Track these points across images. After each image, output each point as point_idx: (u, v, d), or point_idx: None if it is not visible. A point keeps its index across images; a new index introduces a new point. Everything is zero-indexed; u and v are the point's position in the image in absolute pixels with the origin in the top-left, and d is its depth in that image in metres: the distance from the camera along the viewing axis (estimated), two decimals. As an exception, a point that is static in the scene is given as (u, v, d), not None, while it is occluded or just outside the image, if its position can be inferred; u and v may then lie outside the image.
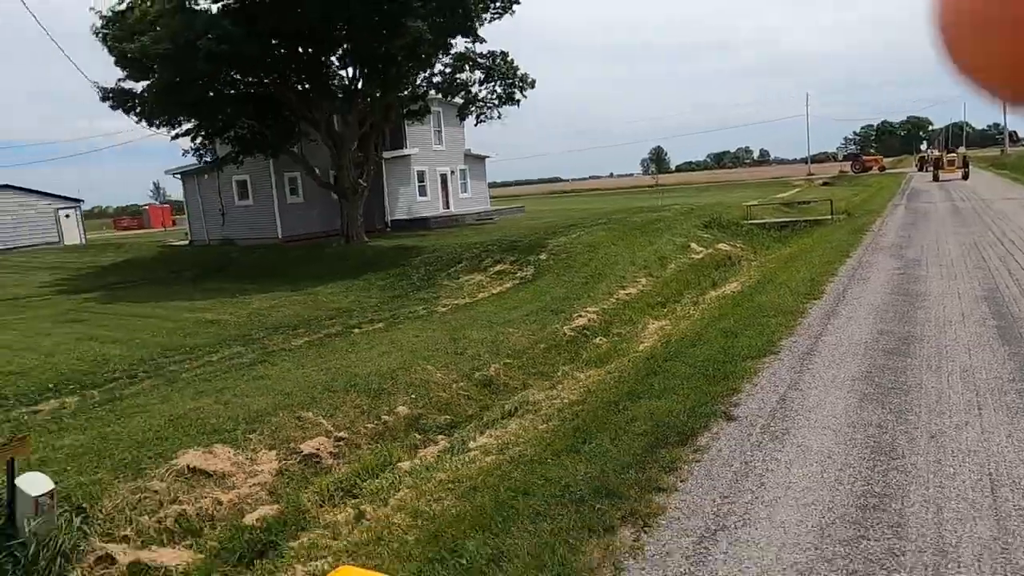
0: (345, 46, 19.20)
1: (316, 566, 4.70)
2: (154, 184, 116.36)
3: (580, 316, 11.85)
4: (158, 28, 15.39)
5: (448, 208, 30.35)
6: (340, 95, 20.70)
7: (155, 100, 18.21)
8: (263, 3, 15.77)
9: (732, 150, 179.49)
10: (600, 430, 5.45)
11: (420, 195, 28.73)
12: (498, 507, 4.40)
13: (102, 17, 18.63)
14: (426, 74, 21.28)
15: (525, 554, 3.61)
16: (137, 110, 19.78)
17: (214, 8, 17.42)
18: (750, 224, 22.42)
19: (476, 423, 7.36)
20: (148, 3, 16.24)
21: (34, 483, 4.52)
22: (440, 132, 29.75)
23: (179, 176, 27.55)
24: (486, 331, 10.56)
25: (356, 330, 11.21)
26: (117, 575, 4.68)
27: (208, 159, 22.95)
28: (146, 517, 5.22)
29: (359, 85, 20.56)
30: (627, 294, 13.78)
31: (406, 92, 21.66)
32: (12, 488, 4.51)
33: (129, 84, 19.73)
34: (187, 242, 28.08)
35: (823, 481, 4.08)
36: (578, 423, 5.87)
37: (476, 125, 24.78)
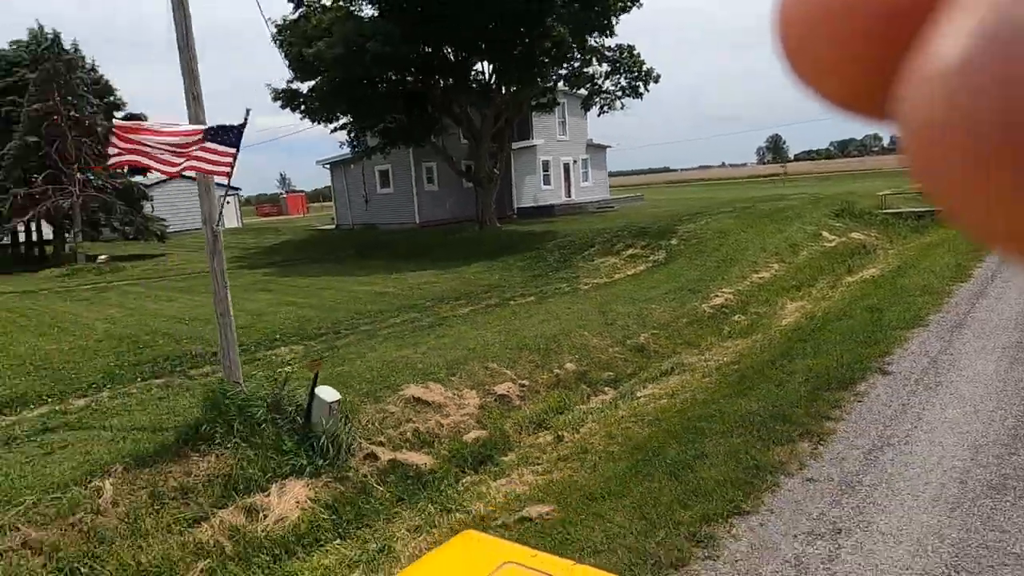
0: (484, 46, 20.61)
1: (531, 469, 5.93)
2: (280, 175, 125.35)
3: (716, 296, 12.56)
4: (331, 34, 17.41)
5: (570, 196, 31.41)
6: (478, 91, 22.19)
7: (321, 99, 20.47)
8: (420, 8, 17.41)
9: (859, 137, 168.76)
10: (762, 380, 6.34)
11: (544, 184, 29.98)
12: (686, 429, 5.43)
13: (276, 26, 21.10)
14: (559, 69, 22.36)
15: (722, 453, 4.62)
16: (301, 108, 22.23)
17: (369, 11, 19.54)
18: (884, 213, 21.92)
19: (637, 379, 8.40)
20: (322, 13, 18.33)
21: (327, 393, 6.02)
22: (564, 123, 30.82)
23: (328, 166, 30.33)
24: (630, 306, 11.54)
25: (512, 302, 12.53)
26: (381, 467, 6.12)
27: (356, 150, 25.26)
28: (391, 430, 6.67)
29: (496, 82, 21.97)
30: (760, 278, 14.28)
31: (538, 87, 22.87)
32: (312, 395, 6.03)
33: (295, 85, 22.22)
34: (333, 226, 30.87)
35: (976, 418, 4.80)
36: (739, 376, 6.77)
37: (599, 116, 25.66)
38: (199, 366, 9.06)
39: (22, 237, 26.48)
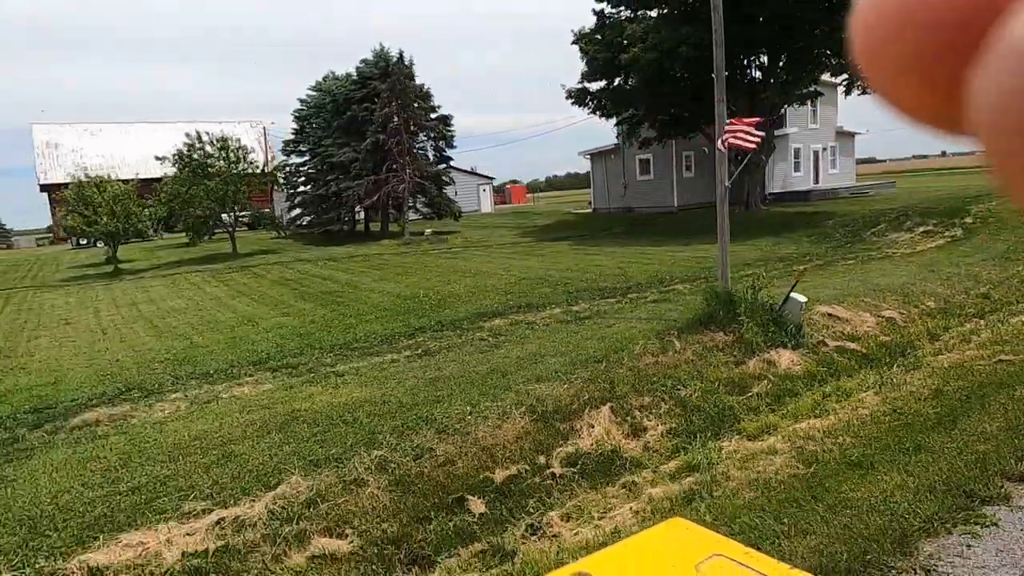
0: (769, 45, 22.68)
1: (943, 358, 8.35)
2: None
3: (1036, 263, 13.78)
4: (644, 40, 20.59)
5: (817, 183, 32.27)
6: (754, 84, 24.30)
7: (615, 96, 23.85)
8: (731, 17, 19.97)
9: None
10: None
11: (794, 171, 31.20)
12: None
13: (574, 34, 24.85)
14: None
15: None
16: (591, 105, 25.85)
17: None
18: None
19: (996, 315, 10.38)
20: (629, 23, 21.60)
21: (799, 296, 8.91)
22: (815, 111, 31.72)
23: (588, 156, 34.06)
24: (955, 268, 13.26)
25: (834, 265, 14.76)
26: (830, 348, 8.89)
27: (629, 141, 28.50)
28: (824, 330, 9.42)
29: (771, 76, 23.93)
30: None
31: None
32: (788, 297, 8.96)
33: (584, 85, 25.86)
34: (590, 210, 34.61)
35: None
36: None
37: (846, 97, 26.47)
38: (625, 294, 12.54)
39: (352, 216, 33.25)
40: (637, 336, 8.82)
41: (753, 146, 8.71)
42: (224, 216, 25.38)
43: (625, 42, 21.04)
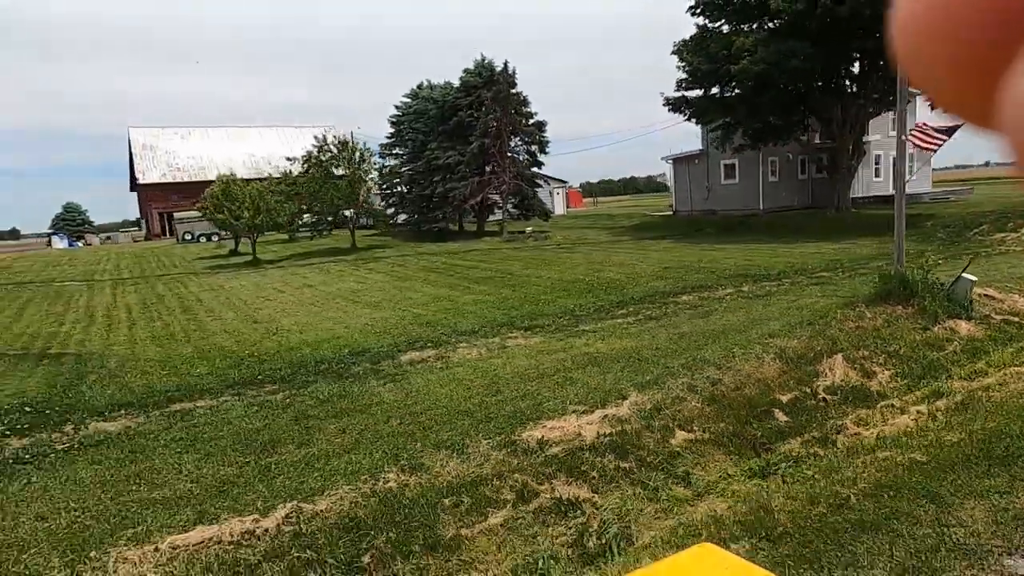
0: (865, 56, 24.03)
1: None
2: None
3: None
4: (751, 53, 22.12)
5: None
6: (847, 94, 25.63)
7: (709, 104, 25.41)
8: (830, 33, 21.45)
9: None
10: None
11: (875, 176, 32.34)
12: None
13: (675, 44, 26.50)
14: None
15: None
16: (687, 112, 27.44)
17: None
18: None
19: None
20: (741, 37, 23.16)
21: (969, 276, 10.41)
22: (895, 119, 32.80)
23: (670, 161, 35.61)
24: (1078, 261, 14.56)
25: (962, 258, 16.14)
26: (995, 321, 10.35)
27: (720, 146, 29.97)
28: (985, 306, 10.87)
29: (865, 85, 25.25)
30: None
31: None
32: (959, 277, 10.46)
33: (680, 93, 27.46)
34: (671, 212, 36.13)
35: None
36: None
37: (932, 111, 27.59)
38: (778, 279, 14.11)
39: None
40: (828, 307, 10.40)
41: (934, 149, 10.25)
42: (347, 212, 27.53)
43: (731, 53, 22.58)
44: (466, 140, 30.26)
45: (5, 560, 4.60)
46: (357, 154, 26.78)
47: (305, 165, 27.27)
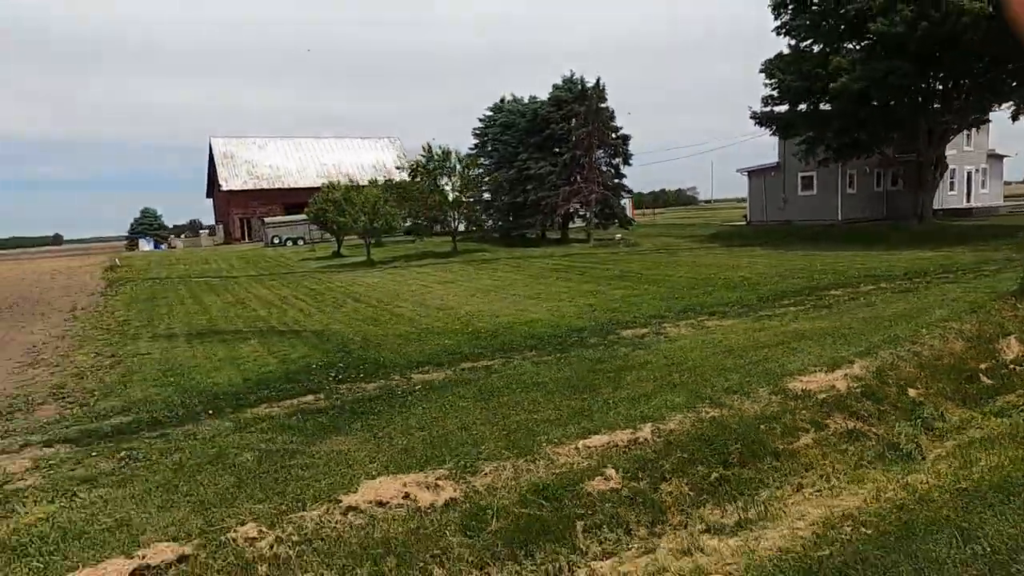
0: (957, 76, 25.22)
1: None
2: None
3: None
4: (847, 72, 23.48)
5: (968, 201, 34.25)
6: (934, 110, 26.81)
7: (795, 120, 26.79)
8: (927, 53, 22.74)
9: None
10: None
11: (950, 189, 33.31)
12: None
13: (764, 62, 27.97)
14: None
15: None
16: (773, 127, 28.85)
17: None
18: None
19: None
20: (838, 57, 24.54)
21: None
22: (970, 135, 33.80)
23: (746, 173, 36.96)
24: None
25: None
26: None
27: (776, 160, 31.23)
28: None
29: (952, 103, 26.41)
30: None
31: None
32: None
33: (765, 108, 28.86)
34: (745, 222, 37.42)
35: None
36: None
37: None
38: (906, 279, 15.44)
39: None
40: (979, 300, 11.77)
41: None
42: (454, 216, 29.43)
43: (827, 71, 23.97)
44: (555, 151, 32.01)
45: (464, 439, 6.26)
46: (460, 163, 28.67)
47: (412, 174, 29.22)
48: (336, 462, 6.09)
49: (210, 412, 7.77)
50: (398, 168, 30.58)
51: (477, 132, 38.20)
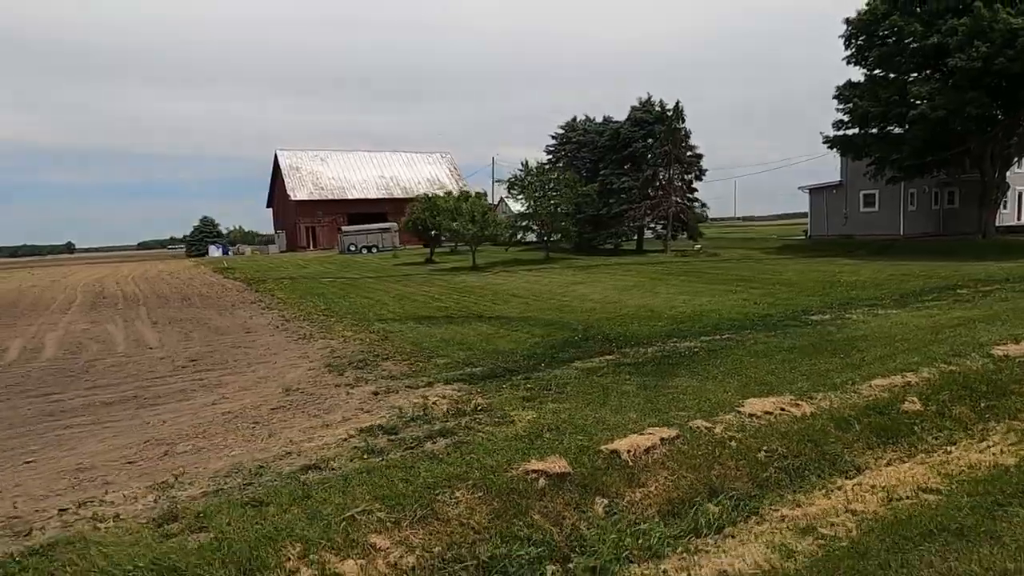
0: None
1: None
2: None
3: None
4: (931, 100, 25.81)
5: (1020, 219, 36.44)
6: (1002, 137, 29.11)
7: (868, 142, 29.16)
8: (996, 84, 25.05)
9: None
10: None
11: (1002, 208, 35.53)
12: None
13: (836, 88, 30.39)
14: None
15: None
16: (840, 148, 31.23)
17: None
18: None
19: None
20: (916, 86, 26.90)
21: None
22: (1021, 158, 36.08)
23: (807, 191, 39.30)
24: None
25: None
26: None
27: (841, 179, 33.52)
28: None
29: (1016, 129, 28.71)
30: None
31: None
32: None
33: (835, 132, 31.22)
34: (806, 236, 39.68)
35: None
36: None
37: None
38: (1005, 283, 17.61)
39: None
40: (1098, 297, 13.98)
41: None
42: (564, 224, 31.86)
43: (903, 99, 26.34)
44: (636, 167, 34.45)
45: (779, 380, 8.48)
46: (554, 177, 31.11)
47: (511, 188, 31.68)
48: (697, 391, 8.30)
49: (543, 365, 10.02)
50: (498, 182, 33.13)
51: (550, 148, 40.74)
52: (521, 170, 31.73)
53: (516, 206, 36.22)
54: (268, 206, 67.37)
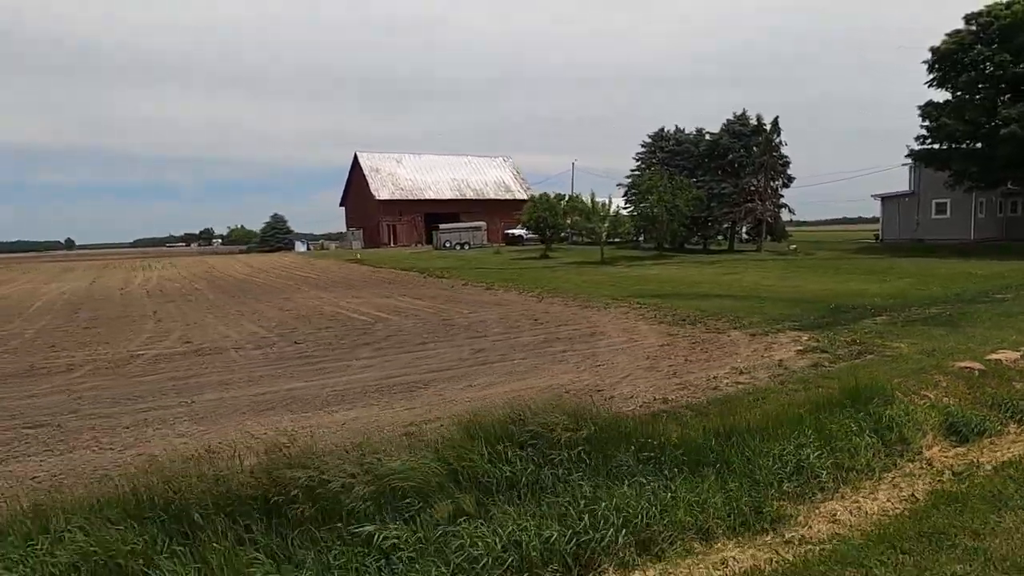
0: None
1: None
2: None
3: None
4: (1016, 122, 29.76)
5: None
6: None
7: (967, 158, 33.17)
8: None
9: None
10: None
11: (1057, 216, 39.67)
12: None
13: (919, 107, 34.36)
14: None
15: None
16: (923, 162, 35.22)
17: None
18: None
19: None
20: (1005, 108, 30.80)
21: None
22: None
23: (879, 199, 43.35)
24: None
25: None
26: None
27: (912, 188, 37.51)
28: None
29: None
30: None
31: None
32: None
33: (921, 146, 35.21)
34: (877, 240, 43.66)
35: None
36: None
37: None
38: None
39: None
40: None
41: None
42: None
43: (990, 119, 30.33)
44: (732, 174, 38.41)
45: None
46: (666, 180, 35.00)
47: (627, 192, 35.54)
48: (991, 336, 12.09)
49: (842, 322, 13.76)
50: (618, 185, 36.99)
51: (640, 156, 44.62)
52: (636, 173, 35.56)
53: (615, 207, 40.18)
54: (341, 205, 70.95)
